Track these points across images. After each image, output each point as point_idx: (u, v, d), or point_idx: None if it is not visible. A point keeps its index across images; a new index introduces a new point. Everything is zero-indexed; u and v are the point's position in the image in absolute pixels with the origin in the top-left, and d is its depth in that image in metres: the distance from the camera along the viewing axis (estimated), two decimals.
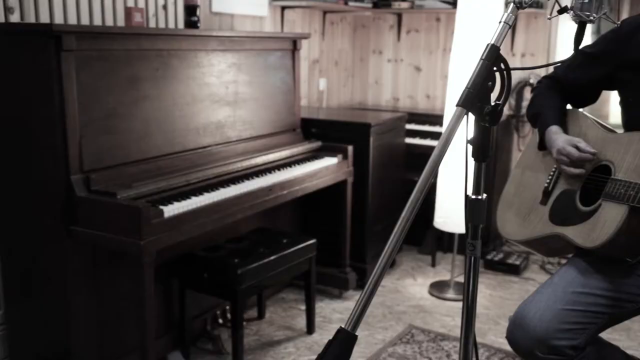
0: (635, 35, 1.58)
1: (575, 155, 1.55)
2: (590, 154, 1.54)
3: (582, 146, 1.56)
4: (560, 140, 1.60)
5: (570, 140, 1.59)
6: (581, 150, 1.55)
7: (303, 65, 3.73)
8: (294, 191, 2.65)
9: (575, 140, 1.58)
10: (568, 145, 1.57)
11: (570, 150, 1.56)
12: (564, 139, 1.60)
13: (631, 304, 1.50)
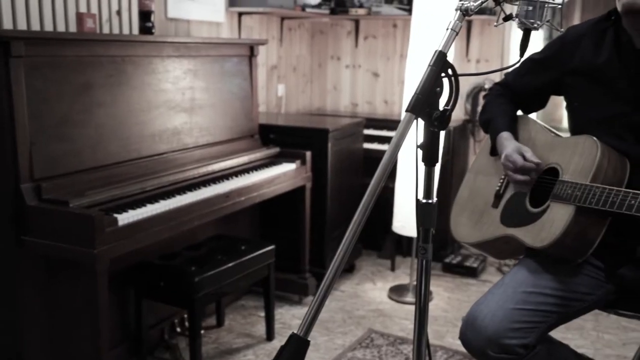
0: (580, 43, 1.63)
1: (520, 164, 1.59)
2: (534, 163, 1.58)
3: (528, 155, 1.60)
4: (509, 147, 1.64)
5: (518, 148, 1.63)
6: (526, 159, 1.59)
7: (261, 71, 3.73)
8: (251, 197, 2.64)
9: (523, 149, 1.62)
10: (515, 153, 1.61)
11: (516, 158, 1.60)
12: (513, 147, 1.64)
13: (579, 303, 1.55)
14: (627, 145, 1.51)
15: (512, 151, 1.62)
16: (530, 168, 1.59)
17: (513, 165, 1.60)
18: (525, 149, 1.62)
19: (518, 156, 1.60)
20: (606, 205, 1.40)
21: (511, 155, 1.61)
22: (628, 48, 1.52)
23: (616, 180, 1.47)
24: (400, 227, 3.32)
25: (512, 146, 1.64)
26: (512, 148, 1.63)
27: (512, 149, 1.63)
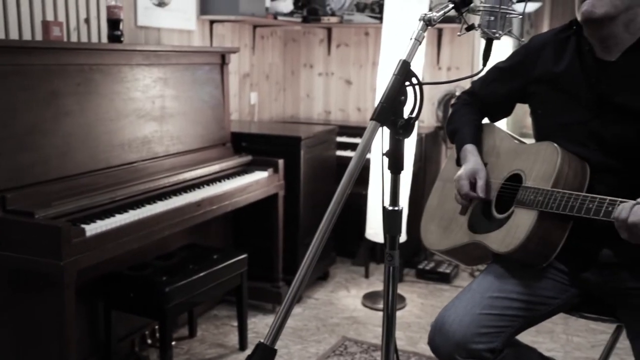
0: (543, 51, 1.66)
1: (463, 192, 1.64)
2: (478, 197, 1.62)
3: (479, 185, 1.62)
4: (467, 165, 1.67)
5: (472, 173, 1.64)
6: (476, 188, 1.63)
7: (233, 79, 3.72)
8: (223, 206, 2.63)
9: (478, 174, 1.64)
10: (465, 179, 1.64)
11: (463, 184, 1.64)
12: (470, 168, 1.65)
13: (544, 307, 1.57)
14: (588, 152, 1.54)
15: (464, 175, 1.65)
16: (473, 198, 1.64)
17: (459, 190, 1.65)
18: (479, 175, 1.64)
19: (466, 183, 1.63)
20: (566, 210, 1.42)
21: (460, 180, 1.65)
22: (589, 57, 1.55)
23: (577, 184, 1.50)
24: (374, 234, 3.33)
25: (469, 167, 1.66)
26: (467, 170, 1.65)
27: (466, 171, 1.65)
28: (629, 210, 1.29)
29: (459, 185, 1.65)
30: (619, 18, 1.46)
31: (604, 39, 1.51)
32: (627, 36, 1.49)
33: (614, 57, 1.51)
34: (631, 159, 1.49)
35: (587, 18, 1.47)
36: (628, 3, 1.44)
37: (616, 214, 1.31)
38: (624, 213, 1.28)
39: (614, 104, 1.50)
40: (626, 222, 1.27)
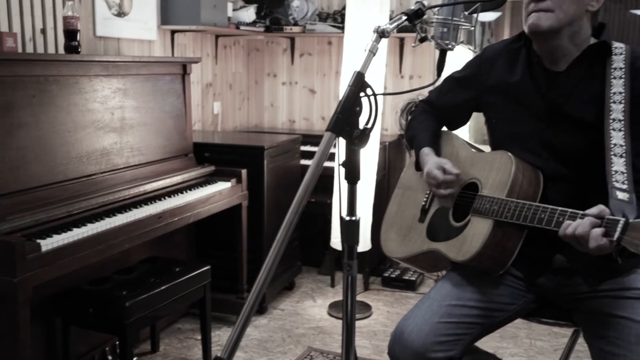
0: (497, 61, 1.70)
1: (440, 178, 1.63)
2: (453, 175, 1.62)
3: (448, 167, 1.63)
4: (429, 162, 1.68)
5: (437, 163, 1.66)
6: (446, 172, 1.63)
7: (196, 89, 3.70)
8: (185, 217, 2.60)
9: (442, 162, 1.66)
10: (435, 169, 1.64)
11: (436, 173, 1.64)
12: (433, 162, 1.67)
13: (502, 313, 1.59)
14: (541, 160, 1.57)
15: (432, 167, 1.65)
16: (450, 180, 1.63)
17: (435, 181, 1.64)
18: (444, 162, 1.66)
19: (438, 171, 1.64)
20: (520, 219, 1.45)
21: (432, 171, 1.65)
22: (538, 68, 1.59)
23: (531, 192, 1.53)
24: (339, 243, 3.32)
25: (432, 161, 1.68)
26: (432, 164, 1.67)
27: (432, 164, 1.66)
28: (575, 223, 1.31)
29: (433, 176, 1.64)
30: (563, 31, 1.49)
31: (551, 51, 1.55)
32: (573, 48, 1.53)
33: (561, 67, 1.55)
34: (582, 167, 1.52)
35: (533, 31, 1.51)
36: (572, 16, 1.48)
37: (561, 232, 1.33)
38: (571, 226, 1.30)
39: (563, 113, 1.54)
40: (573, 235, 1.29)
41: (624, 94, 1.45)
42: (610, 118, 1.43)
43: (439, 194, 1.65)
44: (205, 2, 3.31)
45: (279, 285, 3.36)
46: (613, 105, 1.44)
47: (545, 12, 1.47)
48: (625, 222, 1.21)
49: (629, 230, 1.20)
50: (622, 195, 1.31)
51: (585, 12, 1.50)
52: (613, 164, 1.38)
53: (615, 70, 1.48)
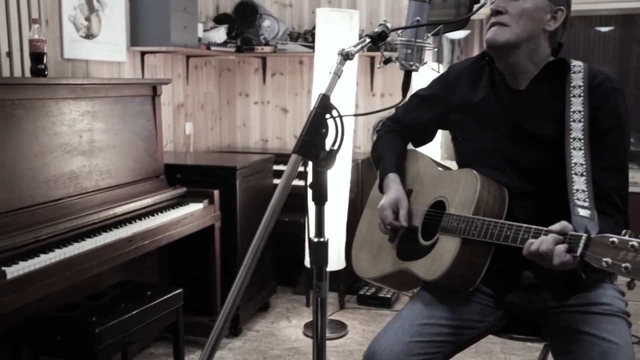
0: (461, 80, 1.72)
1: (387, 221, 1.66)
2: (400, 225, 1.64)
3: (401, 214, 1.65)
4: (388, 194, 1.69)
5: (394, 202, 1.66)
6: (398, 217, 1.65)
7: (167, 110, 3.68)
8: (156, 240, 2.57)
9: (401, 203, 1.66)
10: (388, 209, 1.66)
11: (386, 214, 1.65)
12: (392, 197, 1.67)
13: (472, 330, 1.60)
14: (506, 178, 1.59)
15: (387, 204, 1.66)
16: (397, 227, 1.66)
17: (383, 220, 1.67)
18: (402, 205, 1.66)
19: (389, 213, 1.65)
20: (487, 237, 1.47)
21: (384, 210, 1.66)
22: (501, 86, 1.62)
23: (497, 209, 1.55)
24: None
25: (391, 196, 1.68)
26: (389, 200, 1.67)
27: (388, 201, 1.67)
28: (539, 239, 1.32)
29: (383, 215, 1.67)
30: (521, 47, 1.53)
31: (510, 67, 1.58)
32: (532, 66, 1.56)
33: (522, 86, 1.59)
34: (547, 184, 1.54)
35: (490, 45, 1.54)
36: (529, 32, 1.52)
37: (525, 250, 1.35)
38: (535, 243, 1.32)
39: (525, 131, 1.57)
40: (537, 252, 1.31)
41: (583, 112, 1.48)
42: (571, 137, 1.46)
43: (381, 229, 1.69)
44: (176, 23, 3.31)
45: (254, 306, 3.33)
46: (573, 124, 1.47)
47: (502, 26, 1.51)
48: (587, 238, 1.23)
49: (591, 246, 1.22)
50: (584, 212, 1.33)
51: (543, 32, 1.54)
52: (574, 182, 1.40)
53: (574, 89, 1.51)
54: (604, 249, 1.18)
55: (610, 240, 1.17)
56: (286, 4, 4.21)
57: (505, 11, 1.52)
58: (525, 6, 1.51)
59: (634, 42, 7.83)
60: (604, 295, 1.53)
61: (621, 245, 1.15)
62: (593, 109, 1.50)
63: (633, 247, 1.13)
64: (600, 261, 1.18)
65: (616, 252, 1.16)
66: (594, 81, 1.53)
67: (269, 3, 4.22)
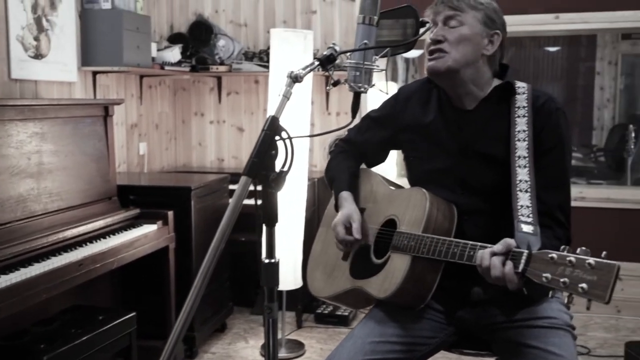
0: (410, 101, 1.77)
1: (339, 237, 1.67)
2: (353, 238, 1.66)
3: (354, 227, 1.66)
4: (342, 211, 1.71)
5: (348, 218, 1.68)
6: (352, 230, 1.66)
7: (120, 130, 3.63)
8: (108, 263, 2.52)
9: (353, 218, 1.68)
10: (340, 224, 1.67)
11: (339, 230, 1.67)
12: (345, 214, 1.69)
13: (424, 347, 1.62)
14: (456, 196, 1.63)
15: (339, 221, 1.68)
16: (350, 241, 1.67)
17: (336, 236, 1.69)
18: (354, 219, 1.68)
19: (341, 228, 1.67)
20: (435, 254, 1.49)
21: (337, 225, 1.69)
22: (448, 107, 1.66)
23: (446, 226, 1.58)
24: None
25: (344, 212, 1.70)
26: (342, 216, 1.69)
27: (342, 216, 1.69)
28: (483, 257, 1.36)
29: (336, 231, 1.68)
30: (461, 72, 1.58)
31: (454, 91, 1.63)
32: (475, 89, 1.62)
33: (469, 106, 1.64)
34: (495, 201, 1.59)
35: (432, 73, 1.60)
36: (468, 58, 1.57)
37: (475, 261, 1.38)
38: (479, 261, 1.36)
39: (474, 151, 1.62)
40: (482, 268, 1.34)
41: (527, 132, 1.53)
42: (516, 155, 1.51)
43: (337, 246, 1.71)
44: (128, 43, 3.29)
45: (210, 328, 3.29)
46: (518, 143, 1.53)
47: (441, 53, 1.56)
48: (528, 254, 1.27)
49: (532, 262, 1.26)
50: (527, 228, 1.38)
51: (482, 56, 1.59)
52: (519, 199, 1.45)
53: (519, 109, 1.57)
54: (544, 264, 1.22)
55: (550, 256, 1.21)
56: (241, 24, 4.23)
57: (444, 39, 1.57)
58: (463, 32, 1.57)
59: (580, 61, 8.15)
60: (550, 309, 1.58)
61: (560, 261, 1.19)
62: (537, 129, 1.56)
63: (571, 262, 1.17)
64: (540, 277, 1.21)
65: (555, 268, 1.20)
66: (537, 102, 1.59)
67: (224, 23, 4.23)
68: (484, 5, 1.60)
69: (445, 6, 1.59)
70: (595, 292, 1.13)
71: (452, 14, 1.58)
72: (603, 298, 1.12)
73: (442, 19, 1.59)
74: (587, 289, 1.14)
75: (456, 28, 1.57)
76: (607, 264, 1.14)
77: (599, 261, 1.15)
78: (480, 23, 1.58)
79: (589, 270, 1.15)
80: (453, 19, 1.58)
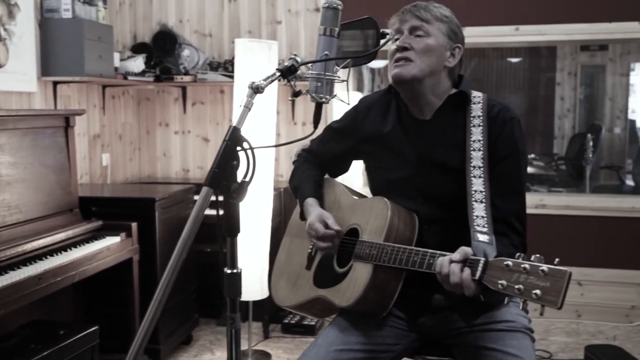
0: (370, 112, 1.79)
1: (321, 232, 1.67)
2: (334, 231, 1.66)
3: (330, 223, 1.67)
4: (313, 214, 1.72)
5: (320, 216, 1.70)
6: (328, 226, 1.67)
7: (83, 141, 3.58)
8: (69, 277, 2.48)
9: (325, 216, 1.70)
10: (317, 222, 1.68)
11: (317, 226, 1.67)
12: (316, 214, 1.71)
13: (387, 354, 1.64)
14: (416, 205, 1.66)
15: (314, 219, 1.69)
16: (330, 235, 1.67)
17: (315, 234, 1.68)
18: (327, 216, 1.70)
19: (319, 224, 1.67)
20: (396, 263, 1.52)
21: (313, 223, 1.68)
22: (408, 117, 1.69)
23: (408, 235, 1.60)
24: None
25: (315, 213, 1.71)
26: (315, 216, 1.70)
27: (314, 216, 1.70)
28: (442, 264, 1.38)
29: (314, 229, 1.67)
30: (424, 82, 1.62)
31: (415, 100, 1.66)
32: (434, 98, 1.65)
33: (427, 116, 1.67)
34: (453, 210, 1.61)
35: (397, 80, 1.62)
36: (432, 68, 1.61)
37: (435, 269, 1.40)
38: (438, 268, 1.38)
39: (431, 160, 1.65)
40: (441, 275, 1.37)
41: (482, 141, 1.57)
42: (471, 165, 1.55)
43: (318, 246, 1.70)
44: (90, 53, 3.25)
45: (175, 340, 3.25)
46: (473, 152, 1.56)
47: (407, 61, 1.59)
48: (485, 262, 1.30)
49: (488, 269, 1.28)
50: (483, 238, 1.41)
51: (443, 67, 1.63)
52: (474, 209, 1.48)
53: (474, 119, 1.61)
54: (499, 271, 1.25)
55: (505, 263, 1.24)
56: (206, 34, 4.22)
57: (410, 47, 1.61)
58: (429, 42, 1.60)
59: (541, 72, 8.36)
60: (508, 313, 1.61)
61: (515, 268, 1.22)
62: (492, 138, 1.59)
63: (525, 269, 1.21)
64: (496, 284, 1.24)
65: (510, 275, 1.23)
66: (492, 111, 1.63)
67: (189, 32, 4.21)
68: (448, 19, 1.64)
69: (413, 15, 1.62)
70: (548, 298, 1.16)
71: (419, 24, 1.61)
72: (555, 303, 1.15)
73: (409, 28, 1.62)
74: (541, 295, 1.17)
75: (422, 38, 1.60)
76: (560, 270, 1.17)
77: (551, 268, 1.18)
78: (444, 35, 1.62)
79: (542, 276, 1.18)
80: (419, 29, 1.61)
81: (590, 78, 8.12)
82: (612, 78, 7.90)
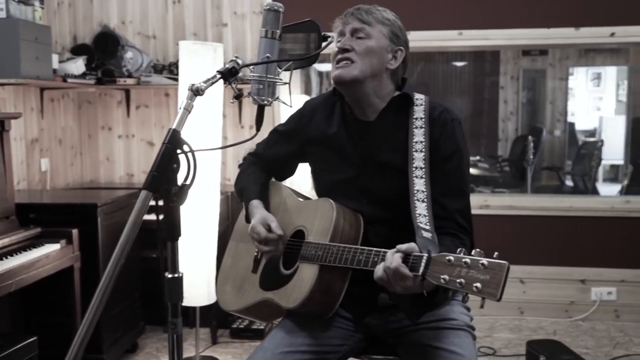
0: (315, 115, 1.80)
1: (263, 235, 1.67)
2: (277, 235, 1.66)
3: (273, 226, 1.67)
4: (256, 216, 1.71)
5: (263, 219, 1.69)
6: (271, 230, 1.67)
7: (19, 146, 3.44)
8: (6, 286, 2.38)
9: (269, 219, 1.69)
10: (259, 225, 1.67)
11: (260, 230, 1.67)
12: (259, 217, 1.70)
13: (334, 354, 1.64)
14: (361, 206, 1.67)
15: (257, 222, 1.68)
16: (273, 239, 1.67)
17: (258, 237, 1.67)
18: (270, 219, 1.69)
19: (262, 228, 1.67)
20: (342, 262, 1.52)
21: (256, 226, 1.68)
22: (351, 119, 1.71)
23: (353, 235, 1.61)
24: (185, 299, 3.23)
25: (258, 216, 1.70)
26: (258, 218, 1.69)
27: (257, 219, 1.69)
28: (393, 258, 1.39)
29: (256, 232, 1.67)
30: (366, 83, 1.63)
31: (357, 101, 1.68)
32: (377, 100, 1.67)
33: (371, 118, 1.69)
34: (397, 210, 1.63)
35: (338, 81, 1.64)
36: (373, 70, 1.63)
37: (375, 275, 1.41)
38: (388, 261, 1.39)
39: (375, 161, 1.66)
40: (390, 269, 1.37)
41: (424, 143, 1.60)
42: (414, 166, 1.57)
43: (261, 249, 1.69)
44: (26, 54, 3.13)
45: (120, 349, 3.16)
46: (415, 153, 1.58)
47: (349, 62, 1.60)
48: (428, 257, 1.32)
49: (431, 265, 1.30)
50: (426, 234, 1.43)
51: (386, 70, 1.65)
52: (417, 207, 1.51)
53: (417, 120, 1.63)
54: (442, 266, 1.27)
55: (447, 258, 1.27)
56: (149, 36, 4.14)
57: (351, 49, 1.62)
58: (370, 44, 1.62)
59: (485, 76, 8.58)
60: (452, 312, 1.64)
61: (456, 263, 1.25)
62: (434, 139, 1.62)
63: (466, 263, 1.23)
64: (439, 278, 1.26)
65: (452, 269, 1.25)
66: (434, 113, 1.66)
67: (132, 34, 4.12)
68: (391, 22, 1.66)
69: (355, 18, 1.64)
70: (488, 291, 1.19)
71: (361, 27, 1.63)
72: (495, 296, 1.18)
73: (350, 29, 1.63)
74: (481, 287, 1.20)
75: (363, 40, 1.62)
76: (498, 263, 1.20)
77: (491, 261, 1.21)
78: (386, 38, 1.64)
79: (483, 270, 1.21)
80: (361, 31, 1.63)
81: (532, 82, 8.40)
82: (552, 82, 8.20)
